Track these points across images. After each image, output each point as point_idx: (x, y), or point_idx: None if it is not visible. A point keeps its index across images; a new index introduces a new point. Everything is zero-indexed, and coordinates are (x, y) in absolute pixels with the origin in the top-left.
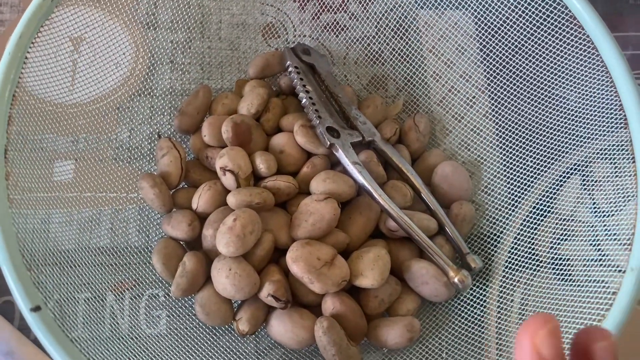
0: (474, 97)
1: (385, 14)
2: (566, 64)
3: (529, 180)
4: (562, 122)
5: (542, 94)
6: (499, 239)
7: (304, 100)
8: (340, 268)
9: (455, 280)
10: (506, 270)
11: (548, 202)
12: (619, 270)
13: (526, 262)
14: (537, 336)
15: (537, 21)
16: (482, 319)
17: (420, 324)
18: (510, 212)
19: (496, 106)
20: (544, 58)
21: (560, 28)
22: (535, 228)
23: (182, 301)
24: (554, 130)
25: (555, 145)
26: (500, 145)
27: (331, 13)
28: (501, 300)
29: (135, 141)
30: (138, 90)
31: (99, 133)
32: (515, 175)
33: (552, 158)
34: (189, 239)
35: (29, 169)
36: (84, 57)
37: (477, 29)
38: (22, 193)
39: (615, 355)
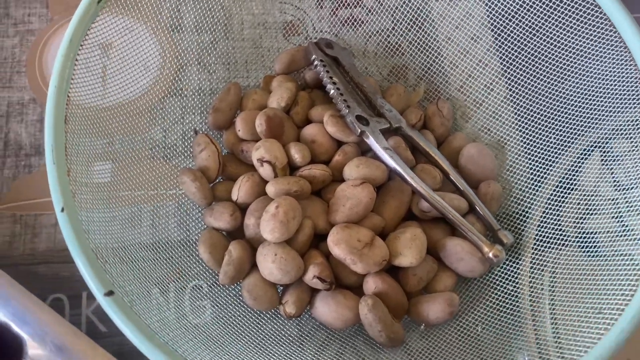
0: (491, 82)
1: (400, 8)
2: (584, 42)
3: (551, 159)
4: (580, 100)
5: (559, 74)
6: (526, 216)
7: (332, 92)
8: (380, 248)
9: (490, 254)
10: (536, 244)
11: (571, 179)
12: None
13: (554, 238)
14: None
15: (555, 3)
16: (516, 293)
17: None
18: (535, 190)
19: (514, 90)
20: (562, 39)
21: (577, 8)
22: (561, 204)
23: (227, 290)
24: (572, 109)
25: (574, 123)
26: (521, 127)
27: (348, 9)
28: (533, 274)
29: (170, 140)
30: (168, 91)
31: (133, 134)
32: (537, 154)
33: (572, 136)
34: (232, 229)
35: (80, 166)
36: (114, 62)
37: (489, 17)
38: (80, 188)
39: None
